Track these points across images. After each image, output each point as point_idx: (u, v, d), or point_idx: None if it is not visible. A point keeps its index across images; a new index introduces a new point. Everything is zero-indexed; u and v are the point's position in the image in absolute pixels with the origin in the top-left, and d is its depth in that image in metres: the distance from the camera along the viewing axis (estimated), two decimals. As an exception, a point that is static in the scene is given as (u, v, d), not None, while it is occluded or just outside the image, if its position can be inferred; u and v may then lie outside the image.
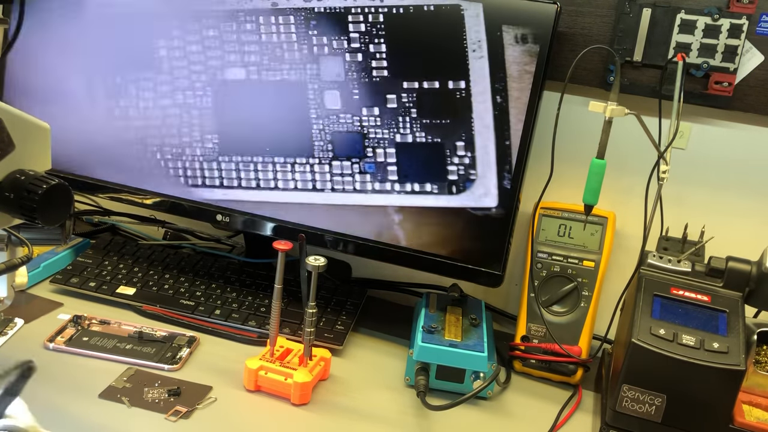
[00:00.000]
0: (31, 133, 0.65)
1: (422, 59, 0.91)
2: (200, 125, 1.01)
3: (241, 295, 1.02)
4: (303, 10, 0.94)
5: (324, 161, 0.97)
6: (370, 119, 0.94)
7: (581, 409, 0.91)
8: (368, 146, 0.95)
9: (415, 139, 0.93)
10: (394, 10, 0.91)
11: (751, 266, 0.81)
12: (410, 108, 0.93)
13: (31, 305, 0.97)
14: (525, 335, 0.96)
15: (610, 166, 0.89)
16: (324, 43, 0.94)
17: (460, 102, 0.91)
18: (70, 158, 1.06)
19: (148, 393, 0.81)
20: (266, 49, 0.96)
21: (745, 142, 0.98)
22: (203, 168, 1.02)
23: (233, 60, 0.98)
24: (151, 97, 1.02)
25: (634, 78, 0.98)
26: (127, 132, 1.03)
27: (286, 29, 0.95)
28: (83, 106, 1.04)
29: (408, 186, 0.95)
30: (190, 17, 0.98)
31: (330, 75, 0.94)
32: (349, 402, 0.86)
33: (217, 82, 0.99)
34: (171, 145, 1.02)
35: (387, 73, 0.93)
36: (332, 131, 0.95)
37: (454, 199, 0.93)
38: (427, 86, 0.92)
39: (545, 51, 0.87)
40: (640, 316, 0.80)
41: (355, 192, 0.96)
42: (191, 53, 0.99)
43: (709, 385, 0.75)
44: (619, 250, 1.04)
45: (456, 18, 0.89)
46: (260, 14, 0.96)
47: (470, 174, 0.92)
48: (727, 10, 0.92)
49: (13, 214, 0.63)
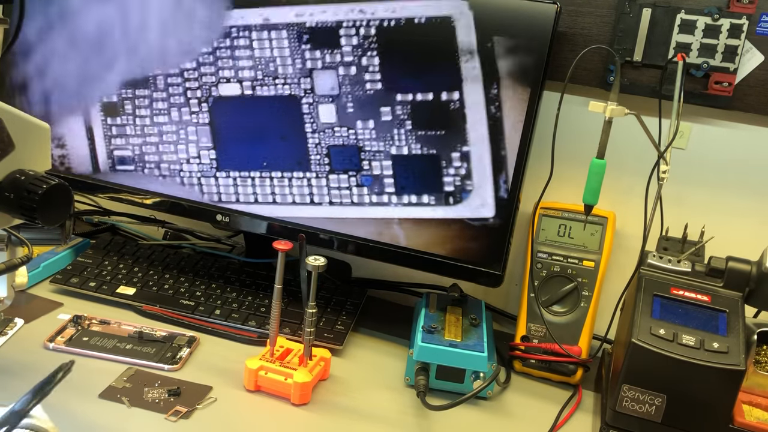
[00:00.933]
0: (31, 133, 0.65)
1: (415, 71, 0.92)
2: (197, 141, 1.01)
3: (241, 295, 1.03)
4: (295, 24, 0.94)
5: (321, 175, 0.97)
6: (365, 132, 0.94)
7: (581, 409, 0.91)
8: (364, 159, 0.95)
9: (410, 151, 0.93)
10: (385, 24, 0.91)
11: (751, 266, 0.81)
12: (405, 120, 0.93)
13: (31, 305, 0.97)
14: (525, 335, 0.96)
15: (610, 166, 0.89)
16: (317, 57, 0.94)
17: (454, 113, 0.91)
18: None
19: (148, 393, 0.82)
20: (260, 64, 0.97)
21: (745, 142, 0.98)
22: (201, 184, 1.02)
23: (228, 75, 0.98)
24: (147, 114, 1.02)
25: (634, 78, 0.98)
26: (125, 150, 1.04)
27: (278, 44, 0.95)
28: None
29: (405, 198, 0.95)
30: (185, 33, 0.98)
31: (324, 89, 0.95)
32: (349, 402, 0.86)
33: (213, 98, 0.99)
34: (168, 162, 1.03)
35: (381, 86, 0.93)
36: (328, 145, 0.96)
37: (451, 210, 0.93)
38: (421, 98, 0.92)
39: (545, 51, 0.87)
40: (640, 316, 0.80)
41: (353, 205, 0.97)
42: (186, 70, 0.99)
43: (709, 385, 0.75)
44: (619, 250, 1.04)
45: (447, 30, 0.89)
46: (252, 30, 0.96)
47: (467, 185, 0.92)
48: (727, 10, 0.92)
49: (13, 214, 0.63)
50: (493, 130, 0.90)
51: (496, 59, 0.88)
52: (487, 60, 0.89)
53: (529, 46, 0.87)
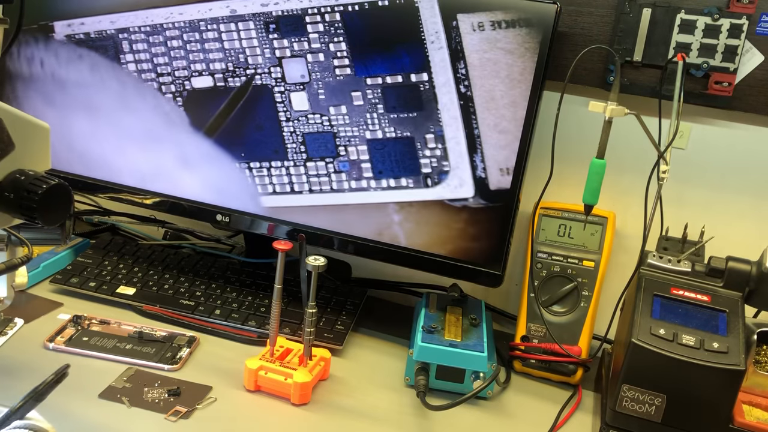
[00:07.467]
0: (31, 133, 0.65)
1: (383, 54, 0.92)
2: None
3: (241, 295, 1.03)
4: (261, 14, 0.94)
5: (299, 163, 0.97)
6: (339, 118, 0.95)
7: (581, 409, 0.91)
8: (340, 145, 0.95)
9: (385, 135, 0.94)
10: (350, 8, 0.92)
11: (751, 266, 0.81)
12: (376, 104, 0.93)
13: (31, 305, 0.97)
14: (525, 335, 0.96)
15: (610, 166, 0.89)
16: (285, 45, 0.95)
17: (424, 94, 0.92)
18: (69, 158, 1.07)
19: (148, 393, 0.82)
20: (230, 56, 0.97)
21: (745, 142, 0.98)
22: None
23: (199, 69, 0.98)
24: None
25: (634, 78, 0.98)
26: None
27: (246, 35, 0.95)
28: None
29: (384, 182, 0.95)
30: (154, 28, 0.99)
31: (294, 77, 0.95)
32: (349, 402, 0.86)
33: (186, 91, 1.00)
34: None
35: (350, 71, 0.93)
36: (303, 132, 0.96)
37: (430, 192, 0.94)
38: (391, 81, 0.92)
39: (545, 51, 0.87)
40: (640, 316, 0.80)
41: (333, 192, 0.97)
42: (159, 65, 1.00)
43: (709, 385, 0.75)
44: (619, 250, 1.04)
45: (411, 11, 0.90)
46: (220, 22, 0.96)
47: (443, 166, 0.93)
48: (727, 10, 0.92)
49: (13, 214, 0.63)
50: (465, 109, 0.90)
51: (462, 38, 0.89)
52: (453, 39, 0.89)
53: (493, 25, 0.88)
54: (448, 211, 0.94)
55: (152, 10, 0.99)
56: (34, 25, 1.03)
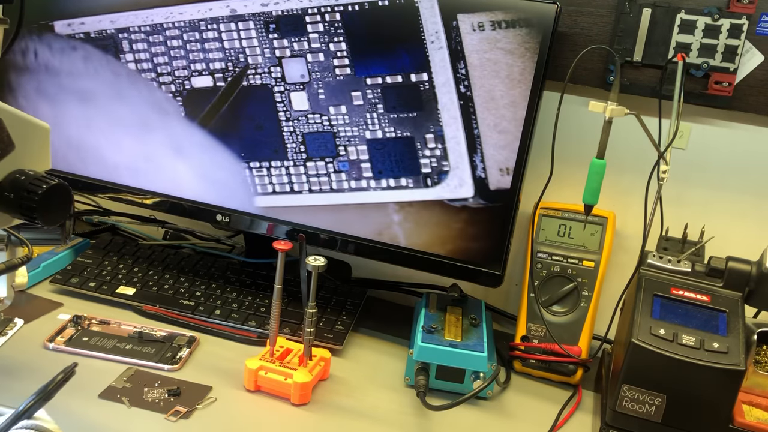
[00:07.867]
0: (31, 133, 0.65)
1: (383, 54, 0.92)
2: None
3: (241, 295, 1.02)
4: (261, 14, 0.94)
5: (299, 163, 0.97)
6: (339, 117, 0.95)
7: (581, 409, 0.91)
8: (339, 145, 0.95)
9: (384, 135, 0.94)
10: (350, 8, 0.92)
11: (751, 266, 0.81)
12: (376, 104, 0.93)
13: (31, 305, 0.97)
14: (525, 335, 0.96)
15: (610, 166, 0.89)
16: (285, 45, 0.95)
17: (424, 94, 0.92)
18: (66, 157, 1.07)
19: (148, 393, 0.82)
20: (230, 56, 0.97)
21: (745, 142, 0.98)
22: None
23: (199, 68, 0.98)
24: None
25: (634, 78, 0.98)
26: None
27: (246, 34, 0.95)
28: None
29: (383, 182, 0.95)
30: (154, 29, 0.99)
31: (294, 77, 0.95)
32: (349, 402, 0.86)
33: (186, 91, 1.00)
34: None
35: (349, 70, 0.93)
36: (303, 132, 0.96)
37: (430, 192, 0.94)
38: (391, 81, 0.92)
39: (545, 51, 0.87)
40: (640, 316, 0.80)
41: (332, 192, 0.97)
42: (159, 65, 1.00)
43: (709, 385, 0.75)
44: (619, 250, 1.04)
45: (411, 11, 0.90)
46: (220, 22, 0.96)
47: (443, 166, 0.93)
48: (727, 10, 0.92)
49: (13, 214, 0.63)
50: (465, 109, 0.90)
51: (462, 38, 0.89)
52: (453, 39, 0.89)
53: (493, 25, 0.88)
54: (448, 211, 0.94)
55: (152, 10, 0.99)
56: (34, 25, 1.03)
